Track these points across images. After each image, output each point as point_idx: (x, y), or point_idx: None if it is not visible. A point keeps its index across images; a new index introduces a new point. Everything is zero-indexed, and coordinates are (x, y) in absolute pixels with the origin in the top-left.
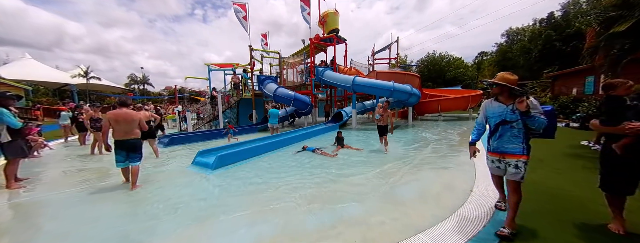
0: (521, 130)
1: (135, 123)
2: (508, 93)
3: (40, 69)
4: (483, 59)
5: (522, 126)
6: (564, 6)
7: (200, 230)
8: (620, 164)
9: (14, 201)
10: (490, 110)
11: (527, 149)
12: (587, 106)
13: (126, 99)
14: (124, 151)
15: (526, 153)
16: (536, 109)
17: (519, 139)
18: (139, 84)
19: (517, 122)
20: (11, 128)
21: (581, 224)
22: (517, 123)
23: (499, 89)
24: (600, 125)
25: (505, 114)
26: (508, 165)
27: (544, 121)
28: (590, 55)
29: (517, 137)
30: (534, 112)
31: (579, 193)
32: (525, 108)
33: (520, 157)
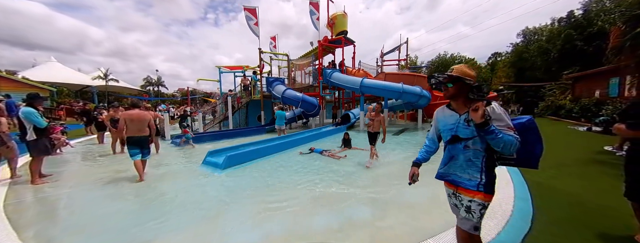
0: (480, 153)
1: (146, 122)
2: (466, 95)
3: (64, 71)
4: (497, 60)
5: (481, 146)
6: (585, 4)
7: (209, 227)
8: None
9: (39, 196)
10: (442, 121)
11: (487, 184)
12: (612, 109)
13: (137, 101)
14: (137, 146)
15: (485, 189)
16: (500, 121)
17: (475, 166)
18: (153, 86)
19: (473, 140)
20: (37, 127)
21: (604, 234)
22: (473, 142)
23: (456, 89)
24: (628, 129)
25: (456, 127)
26: (460, 202)
27: (513, 140)
28: (615, 55)
29: (473, 163)
30: (495, 125)
31: (602, 201)
32: (481, 118)
33: (475, 195)
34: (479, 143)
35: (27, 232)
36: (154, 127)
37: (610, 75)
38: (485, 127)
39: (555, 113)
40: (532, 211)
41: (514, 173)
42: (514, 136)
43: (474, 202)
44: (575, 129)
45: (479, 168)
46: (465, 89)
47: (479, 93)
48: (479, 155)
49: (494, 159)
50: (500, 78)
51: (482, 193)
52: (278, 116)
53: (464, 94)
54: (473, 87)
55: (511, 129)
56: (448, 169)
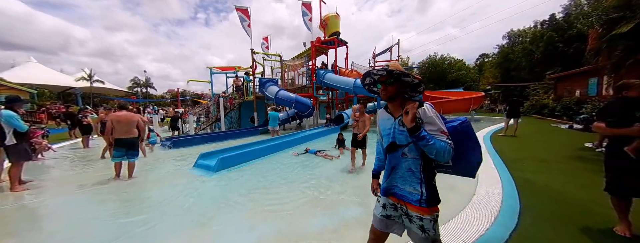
0: (418, 161)
1: (134, 123)
2: (402, 94)
3: (45, 72)
4: (485, 61)
5: (418, 154)
6: (565, 8)
7: (201, 231)
8: (627, 165)
9: (19, 204)
10: (382, 126)
11: (428, 197)
12: (591, 108)
13: (125, 103)
14: (123, 148)
15: (427, 203)
16: (432, 124)
17: (415, 177)
18: (141, 87)
19: (409, 147)
20: (17, 131)
21: (586, 227)
22: (409, 149)
23: (394, 88)
24: (607, 127)
25: (392, 132)
26: (409, 219)
27: (445, 146)
28: (593, 56)
29: (413, 174)
30: (427, 129)
31: (583, 195)
32: (411, 122)
33: (423, 212)
34: (415, 151)
35: (7, 241)
36: (143, 128)
37: (589, 75)
38: (416, 132)
39: (539, 111)
40: (519, 208)
41: (502, 170)
42: (446, 142)
43: (425, 220)
44: (557, 127)
45: (418, 179)
46: (404, 88)
47: (412, 92)
48: (417, 164)
49: (432, 167)
50: (488, 79)
51: (426, 208)
52: (271, 117)
53: (402, 95)
54: (412, 85)
55: (444, 134)
56: (391, 181)
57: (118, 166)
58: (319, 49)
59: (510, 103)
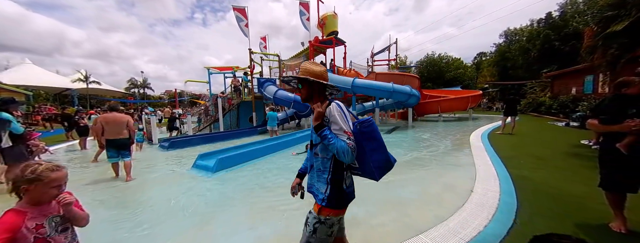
0: (328, 162)
1: (124, 125)
2: (318, 94)
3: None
4: (482, 59)
5: (327, 154)
6: (561, 6)
7: (200, 232)
8: (620, 162)
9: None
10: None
11: (330, 197)
12: (587, 105)
13: (115, 104)
14: (115, 148)
15: (328, 203)
16: (335, 123)
17: (323, 177)
18: (139, 88)
19: (320, 146)
20: (13, 133)
21: (583, 223)
22: (320, 148)
23: (306, 90)
24: (600, 124)
25: (312, 132)
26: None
27: (344, 146)
28: (589, 54)
29: (322, 173)
30: (332, 128)
31: (579, 192)
32: (316, 120)
33: (316, 208)
34: (325, 150)
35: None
36: (133, 129)
37: (585, 73)
38: (318, 130)
39: (536, 109)
40: (517, 205)
41: (499, 168)
42: (346, 142)
43: (311, 214)
44: (554, 124)
45: (325, 179)
46: (317, 88)
47: (320, 92)
48: (327, 164)
49: (343, 169)
50: (485, 77)
51: (325, 207)
52: (270, 117)
53: (318, 95)
54: (326, 85)
55: (347, 133)
56: (309, 179)
57: (116, 167)
58: (317, 48)
59: (508, 101)
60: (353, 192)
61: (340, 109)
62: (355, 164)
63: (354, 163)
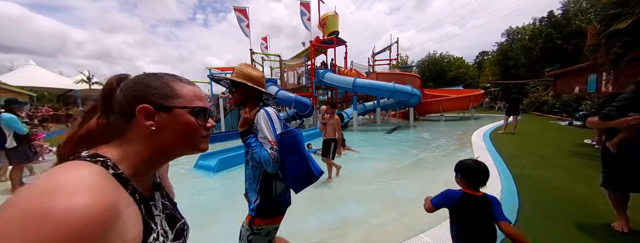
0: (257, 170)
1: None
2: (253, 100)
3: (44, 75)
4: (484, 58)
5: (256, 161)
6: (564, 4)
7: (202, 231)
8: (623, 161)
9: None
10: None
11: (260, 207)
12: (590, 104)
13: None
14: None
15: (258, 213)
16: (260, 131)
17: (253, 186)
18: None
19: (250, 154)
20: (18, 134)
21: (585, 223)
22: (250, 156)
23: (241, 95)
24: (599, 121)
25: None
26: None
27: (266, 156)
28: (592, 53)
29: (252, 182)
30: (258, 136)
31: (582, 191)
32: (240, 126)
33: (247, 218)
34: (253, 158)
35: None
36: None
37: (588, 72)
38: (243, 137)
39: (538, 108)
40: (519, 204)
41: (501, 167)
42: (268, 152)
43: (243, 227)
44: (557, 123)
45: (255, 188)
46: (252, 93)
47: (255, 97)
48: (256, 173)
49: (271, 178)
50: (487, 76)
51: (252, 217)
52: None
53: (253, 100)
54: (262, 92)
55: (271, 142)
56: (246, 186)
57: None
58: (318, 48)
59: (510, 101)
60: (287, 199)
61: (267, 117)
62: (279, 174)
63: (278, 172)
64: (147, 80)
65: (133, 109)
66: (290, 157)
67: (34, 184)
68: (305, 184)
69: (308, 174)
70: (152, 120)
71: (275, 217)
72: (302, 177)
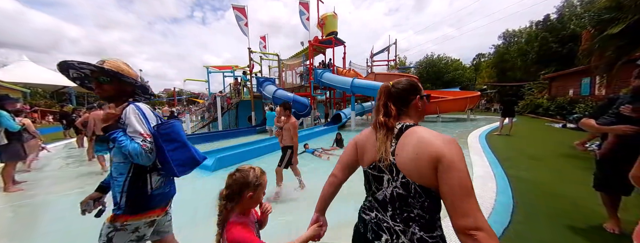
0: (125, 165)
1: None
2: (126, 96)
3: (38, 71)
4: (481, 60)
5: (122, 158)
6: (559, 9)
7: (198, 231)
8: (617, 164)
9: (13, 204)
10: None
11: (127, 201)
12: (584, 107)
13: (103, 102)
14: (105, 143)
15: (124, 210)
16: (130, 126)
17: (118, 185)
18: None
19: (114, 150)
20: (8, 131)
21: (577, 223)
22: (114, 152)
23: (113, 88)
24: (595, 124)
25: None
26: None
27: (137, 148)
28: (586, 57)
29: (118, 178)
30: (128, 131)
31: (575, 193)
32: (103, 121)
33: (110, 217)
34: (118, 154)
35: (2, 241)
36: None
37: (582, 75)
38: (106, 132)
39: (533, 111)
40: (513, 205)
41: (496, 168)
42: (139, 144)
43: (104, 225)
44: (551, 126)
45: (121, 186)
46: (127, 89)
47: (144, 94)
48: (124, 169)
49: (146, 171)
50: (484, 78)
51: (115, 215)
52: (269, 116)
53: (126, 96)
54: (137, 87)
55: (142, 135)
56: (111, 189)
57: (102, 159)
58: (316, 48)
59: (505, 103)
60: (165, 193)
61: (137, 111)
62: (159, 165)
63: (157, 164)
64: (411, 84)
65: (412, 98)
66: (169, 146)
67: (427, 131)
68: (190, 167)
69: (192, 157)
70: (420, 103)
71: (147, 211)
72: (187, 161)
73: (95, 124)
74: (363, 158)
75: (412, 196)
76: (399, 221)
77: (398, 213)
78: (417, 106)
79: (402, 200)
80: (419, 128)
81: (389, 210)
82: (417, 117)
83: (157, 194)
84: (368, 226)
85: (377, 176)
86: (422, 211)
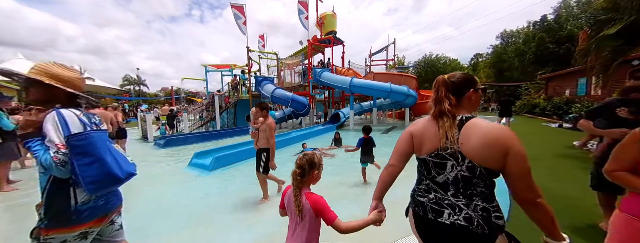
0: (45, 176)
1: (108, 120)
2: (63, 102)
3: None
4: (479, 60)
5: (45, 168)
6: (556, 9)
7: (196, 230)
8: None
9: (8, 204)
10: None
11: (49, 214)
12: (580, 107)
13: (94, 101)
14: None
15: (45, 223)
16: (47, 135)
17: (42, 194)
18: (134, 85)
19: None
20: (3, 130)
21: (573, 223)
22: (38, 161)
23: (42, 94)
24: (593, 127)
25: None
26: None
27: (48, 159)
28: (582, 57)
29: (43, 189)
30: (46, 139)
31: (571, 192)
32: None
33: (35, 231)
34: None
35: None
36: (115, 124)
37: (578, 75)
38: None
39: (530, 111)
40: (509, 203)
41: None
42: (51, 155)
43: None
44: (548, 126)
45: (43, 195)
46: (60, 94)
47: (64, 99)
48: (44, 179)
49: (69, 184)
50: (482, 78)
51: (38, 228)
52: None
53: (56, 102)
54: (75, 94)
55: (57, 146)
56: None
57: None
58: (315, 47)
59: (502, 103)
60: (97, 207)
61: (58, 119)
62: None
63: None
64: (466, 77)
65: (466, 90)
66: (80, 160)
67: (489, 123)
68: (103, 186)
69: (106, 176)
70: (473, 95)
71: (71, 225)
72: (98, 180)
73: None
74: (421, 148)
75: (476, 177)
76: (461, 198)
77: (461, 192)
78: (470, 98)
79: (466, 181)
80: (479, 119)
81: (451, 190)
82: (471, 108)
83: (84, 209)
84: (427, 207)
85: (438, 163)
86: (485, 188)
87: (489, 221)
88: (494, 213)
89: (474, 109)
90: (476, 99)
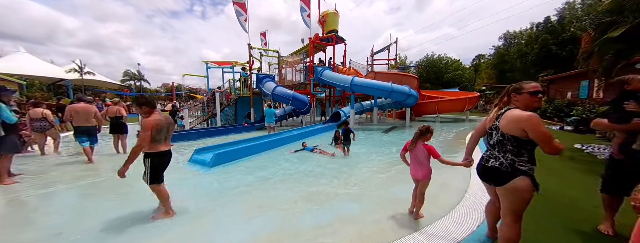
0: None
1: (91, 114)
2: None
3: (35, 63)
4: (480, 61)
5: None
6: (559, 11)
7: (195, 226)
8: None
9: (9, 197)
10: None
11: None
12: (582, 110)
13: (82, 96)
14: (84, 135)
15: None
16: None
17: None
18: (134, 80)
19: None
20: (5, 123)
21: (572, 224)
22: None
23: None
24: (609, 123)
25: None
26: None
27: None
28: (585, 59)
29: None
30: None
31: (571, 194)
32: None
33: None
34: None
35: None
36: (100, 119)
37: (580, 78)
38: None
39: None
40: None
41: None
42: None
43: None
44: (549, 128)
45: None
46: None
47: None
48: None
49: None
50: (483, 79)
51: None
52: (267, 113)
53: None
54: None
55: None
56: None
57: (87, 151)
58: (317, 45)
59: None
60: None
61: None
62: None
63: None
64: (515, 86)
65: (517, 95)
66: None
67: (517, 110)
68: None
69: None
70: (515, 97)
71: None
72: None
73: (72, 116)
74: (485, 125)
75: (506, 140)
76: (499, 152)
77: (499, 148)
78: (521, 100)
79: (500, 142)
80: (515, 109)
81: (496, 147)
82: (523, 107)
83: None
84: (484, 158)
85: (490, 133)
86: (512, 147)
87: (513, 166)
88: (518, 163)
89: (526, 107)
90: (522, 99)
